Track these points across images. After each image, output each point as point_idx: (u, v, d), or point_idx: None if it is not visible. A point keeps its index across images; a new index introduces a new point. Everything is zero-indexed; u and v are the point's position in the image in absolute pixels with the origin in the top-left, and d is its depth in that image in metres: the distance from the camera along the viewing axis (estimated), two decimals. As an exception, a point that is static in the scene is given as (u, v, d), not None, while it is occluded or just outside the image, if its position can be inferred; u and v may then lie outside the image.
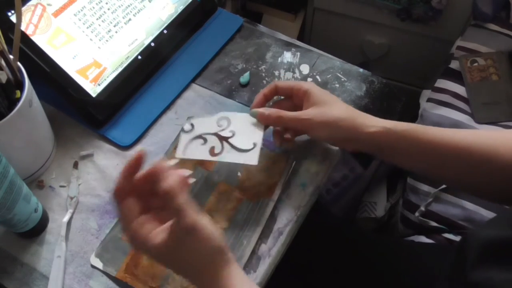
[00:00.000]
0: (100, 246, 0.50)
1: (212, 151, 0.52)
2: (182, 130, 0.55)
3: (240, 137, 0.53)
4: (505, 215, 0.42)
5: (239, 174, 0.55)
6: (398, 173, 1.06)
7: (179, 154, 0.53)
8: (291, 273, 0.48)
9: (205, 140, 0.53)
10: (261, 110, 0.53)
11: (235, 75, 0.67)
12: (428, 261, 0.65)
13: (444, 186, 0.79)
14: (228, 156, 0.51)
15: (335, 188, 0.99)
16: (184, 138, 0.54)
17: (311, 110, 0.51)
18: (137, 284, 0.47)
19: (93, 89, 0.59)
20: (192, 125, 0.55)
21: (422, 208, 0.81)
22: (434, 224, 0.79)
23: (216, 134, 0.53)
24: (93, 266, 0.50)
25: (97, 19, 0.60)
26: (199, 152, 0.52)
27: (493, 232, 0.40)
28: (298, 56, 0.69)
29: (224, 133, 0.53)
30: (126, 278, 0.48)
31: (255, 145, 0.52)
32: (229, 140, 0.52)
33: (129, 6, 0.63)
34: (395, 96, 0.67)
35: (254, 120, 0.54)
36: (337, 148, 0.59)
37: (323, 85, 0.65)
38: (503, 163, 0.46)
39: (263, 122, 0.53)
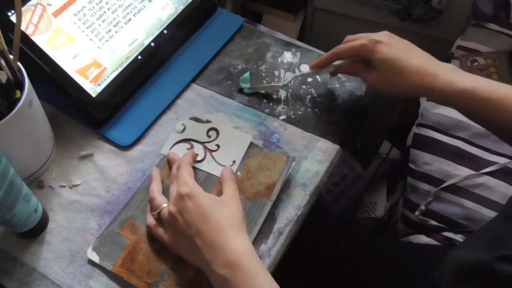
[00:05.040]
0: (97, 240, 0.50)
1: (194, 157, 0.56)
2: (174, 128, 0.59)
3: (223, 152, 0.57)
4: (483, 237, 0.42)
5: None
6: (398, 173, 1.06)
7: (164, 151, 0.58)
8: (291, 273, 0.48)
9: (191, 146, 0.58)
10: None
11: (235, 75, 0.67)
12: (427, 261, 0.65)
13: (444, 185, 0.79)
14: (208, 166, 0.56)
15: (335, 188, 0.99)
16: (173, 137, 0.59)
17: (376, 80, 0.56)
18: (132, 280, 0.47)
19: (93, 89, 0.59)
20: (184, 126, 0.59)
21: (422, 207, 0.81)
22: (434, 223, 0.79)
23: (203, 144, 0.57)
24: (89, 260, 0.49)
25: (97, 19, 0.60)
26: (183, 155, 0.55)
27: (467, 254, 0.40)
28: (298, 56, 0.69)
29: (210, 146, 0.57)
30: (121, 273, 0.48)
31: (234, 162, 0.56)
32: (213, 153, 0.57)
33: (129, 6, 0.63)
34: (395, 95, 0.66)
35: (240, 136, 0.58)
36: (337, 147, 0.59)
37: (323, 85, 0.65)
38: None
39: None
